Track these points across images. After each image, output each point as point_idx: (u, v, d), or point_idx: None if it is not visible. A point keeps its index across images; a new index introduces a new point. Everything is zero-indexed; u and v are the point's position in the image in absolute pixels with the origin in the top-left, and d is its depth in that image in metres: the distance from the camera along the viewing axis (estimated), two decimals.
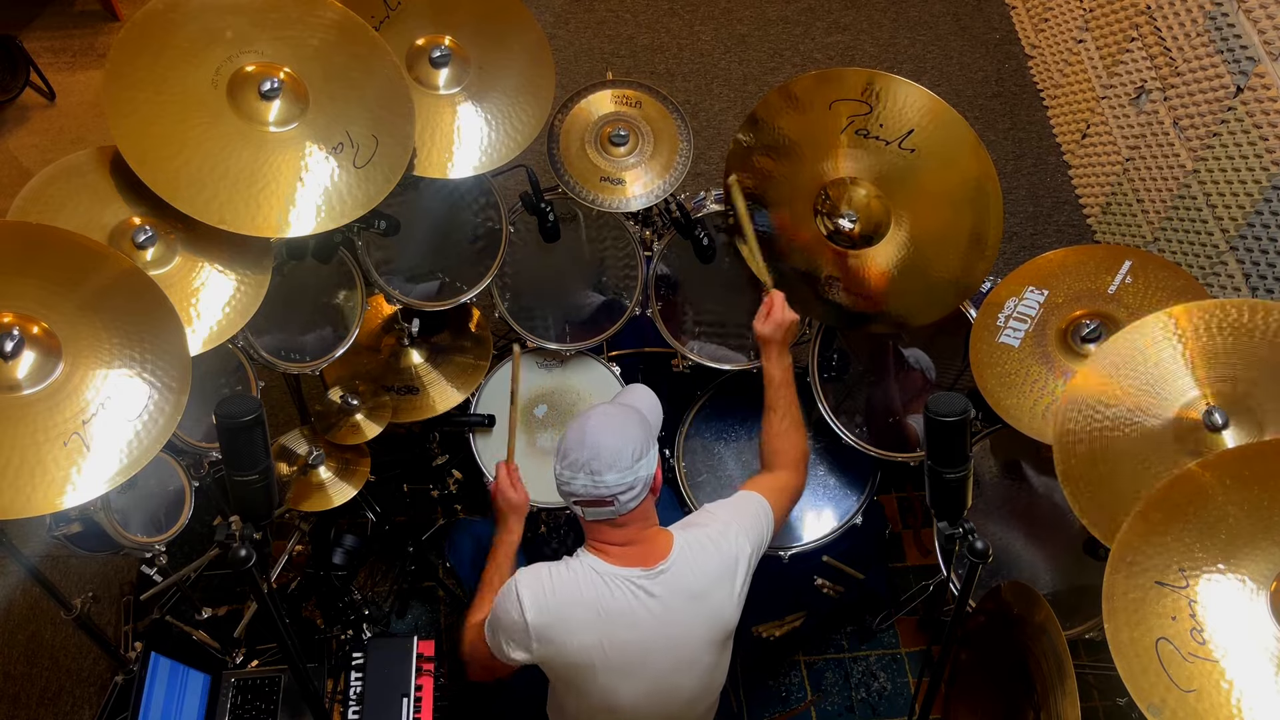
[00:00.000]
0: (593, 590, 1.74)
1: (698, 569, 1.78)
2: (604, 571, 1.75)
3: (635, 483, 1.73)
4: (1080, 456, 1.87)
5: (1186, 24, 2.94)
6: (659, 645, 1.77)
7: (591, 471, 1.71)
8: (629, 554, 1.76)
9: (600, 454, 1.71)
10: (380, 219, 2.09)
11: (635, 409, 1.87)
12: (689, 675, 1.83)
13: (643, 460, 1.74)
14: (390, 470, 2.66)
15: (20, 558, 1.87)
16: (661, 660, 1.78)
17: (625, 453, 1.72)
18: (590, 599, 1.73)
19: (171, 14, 1.88)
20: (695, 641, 1.80)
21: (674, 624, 1.76)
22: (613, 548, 1.77)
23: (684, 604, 1.76)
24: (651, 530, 1.81)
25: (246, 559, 1.45)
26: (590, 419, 1.78)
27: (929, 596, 2.60)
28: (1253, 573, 1.57)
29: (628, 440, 1.73)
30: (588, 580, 1.74)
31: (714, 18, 4.16)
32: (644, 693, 1.80)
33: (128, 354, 1.71)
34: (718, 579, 1.79)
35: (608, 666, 1.75)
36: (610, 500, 1.72)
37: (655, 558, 1.76)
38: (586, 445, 1.72)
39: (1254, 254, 2.63)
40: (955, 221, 2.14)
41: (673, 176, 2.30)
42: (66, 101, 3.82)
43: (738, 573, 1.81)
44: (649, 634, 1.75)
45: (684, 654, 1.80)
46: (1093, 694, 2.36)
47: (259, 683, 2.21)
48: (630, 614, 1.74)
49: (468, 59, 2.19)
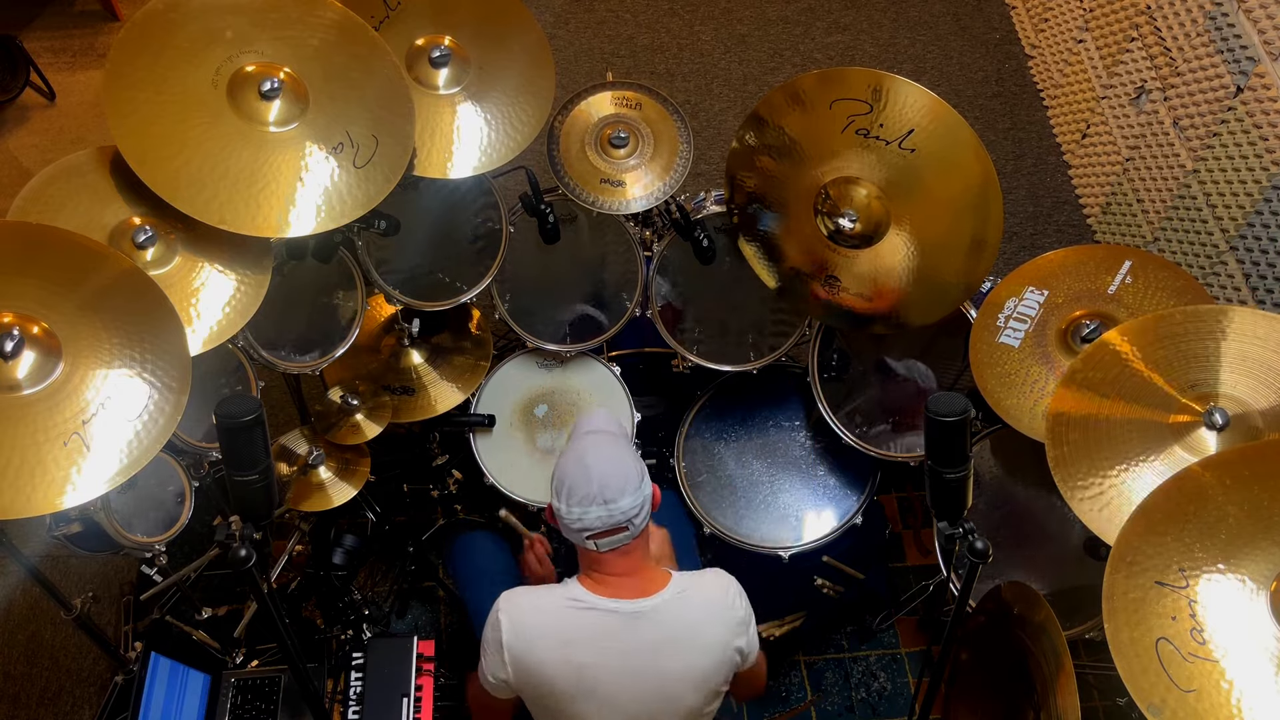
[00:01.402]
0: (565, 619, 1.72)
1: (685, 618, 1.74)
2: (586, 601, 1.73)
3: (645, 501, 1.73)
4: (1073, 443, 1.89)
5: (1186, 24, 2.94)
6: (632, 679, 1.73)
7: (605, 501, 1.68)
8: (624, 585, 1.74)
9: (610, 482, 1.69)
10: (380, 219, 2.09)
11: (608, 433, 1.87)
12: (667, 713, 1.78)
13: (644, 478, 1.74)
14: (390, 470, 2.66)
15: (20, 558, 1.87)
16: (635, 694, 1.74)
17: (632, 475, 1.71)
18: (559, 627, 1.72)
19: (171, 14, 1.88)
20: (674, 679, 1.75)
21: (650, 658, 1.72)
22: (610, 578, 1.74)
23: (664, 641, 1.73)
24: (649, 562, 1.80)
25: (246, 559, 1.45)
26: (586, 455, 1.74)
27: (929, 596, 2.59)
28: (1253, 573, 1.57)
29: (627, 463, 1.73)
30: (561, 607, 1.73)
31: (714, 18, 4.16)
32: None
33: (128, 354, 1.71)
34: (715, 622, 1.76)
35: (580, 695, 1.73)
36: (625, 525, 1.70)
37: (649, 591, 1.74)
38: (593, 479, 1.69)
39: (1254, 254, 2.63)
40: (955, 222, 2.14)
41: (673, 178, 2.30)
42: (66, 101, 3.82)
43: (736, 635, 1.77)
44: (622, 666, 1.72)
45: (662, 690, 1.75)
46: (1093, 694, 2.36)
47: (259, 683, 2.21)
48: (600, 645, 1.71)
49: (468, 59, 2.19)
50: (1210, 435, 1.82)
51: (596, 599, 1.73)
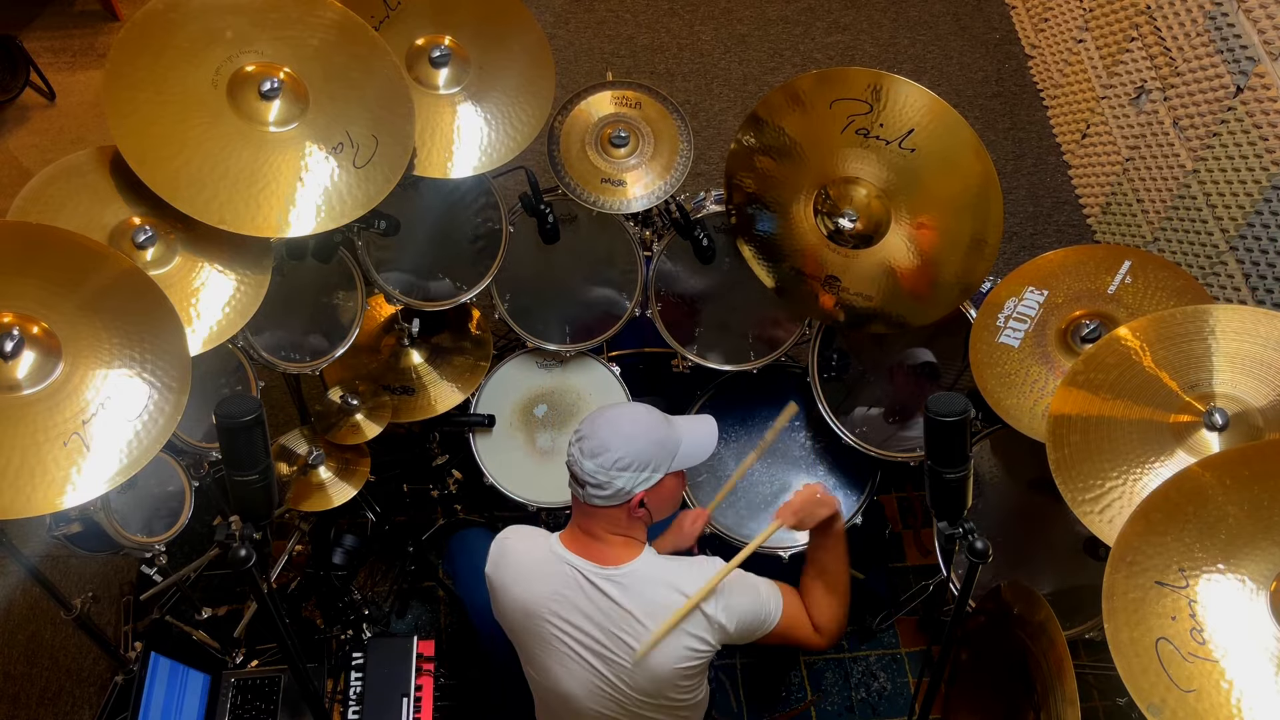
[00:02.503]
0: (540, 565, 1.76)
1: (645, 597, 1.71)
2: (559, 552, 1.75)
3: (607, 485, 1.68)
4: (1073, 446, 1.89)
5: (1186, 24, 2.94)
6: (590, 641, 1.72)
7: (580, 448, 1.71)
8: (585, 545, 1.75)
9: (593, 437, 1.70)
10: (380, 219, 2.09)
11: (677, 437, 1.77)
12: (622, 689, 1.74)
13: (625, 473, 1.68)
14: (390, 470, 2.66)
15: (20, 558, 1.87)
16: (591, 659, 1.73)
17: (613, 454, 1.68)
18: (532, 569, 1.77)
19: (171, 14, 1.88)
20: (625, 654, 1.71)
21: (607, 626, 1.71)
22: (576, 531, 1.77)
23: (621, 616, 1.70)
24: (618, 539, 1.75)
25: (246, 559, 1.45)
26: (623, 409, 1.78)
27: (929, 596, 2.59)
28: (1253, 573, 1.57)
29: (626, 448, 1.68)
30: (540, 554, 1.77)
31: (714, 18, 4.16)
32: (581, 687, 1.75)
33: (128, 354, 1.71)
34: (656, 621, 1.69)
35: (538, 643, 1.77)
36: (583, 482, 1.71)
37: (610, 560, 1.73)
38: (595, 421, 1.73)
39: (1254, 254, 2.63)
40: (955, 222, 2.14)
41: (673, 177, 2.30)
42: (66, 101, 3.82)
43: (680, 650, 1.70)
44: (581, 624, 1.72)
45: (615, 661, 1.72)
46: (1093, 694, 2.36)
47: (259, 683, 2.21)
48: (562, 596, 1.73)
49: (468, 59, 2.19)
50: (1211, 436, 1.82)
51: (567, 553, 1.75)
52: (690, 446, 1.79)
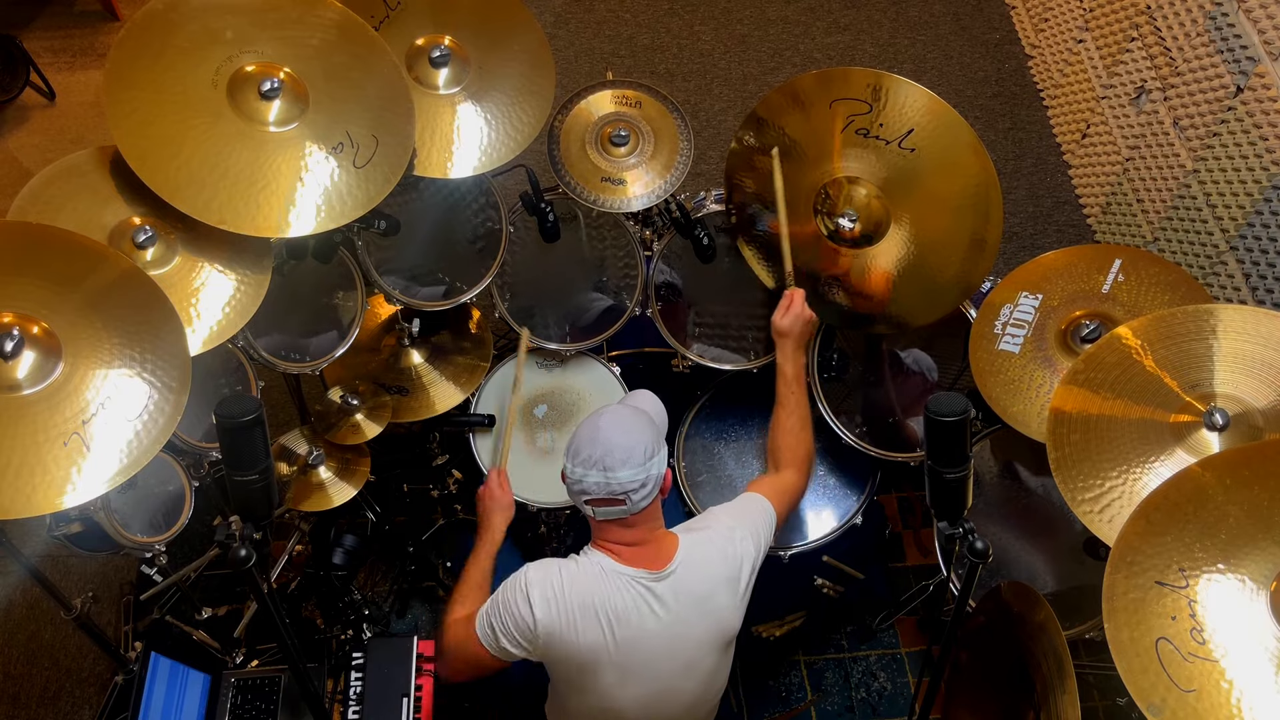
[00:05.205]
0: (602, 589, 1.74)
1: (703, 572, 1.78)
2: (612, 570, 1.75)
3: (647, 480, 1.74)
4: (1074, 444, 1.89)
5: (1186, 24, 2.94)
6: (663, 647, 1.77)
7: (605, 468, 1.71)
8: (638, 554, 1.77)
9: (614, 451, 1.71)
10: (380, 219, 2.09)
11: (643, 411, 1.88)
12: (691, 678, 1.83)
13: (654, 459, 1.75)
14: (390, 470, 2.66)
15: (20, 558, 1.87)
16: (665, 663, 1.78)
17: (638, 450, 1.73)
18: (600, 599, 1.73)
19: (171, 14, 1.88)
20: (698, 644, 1.80)
21: (679, 626, 1.76)
22: (622, 548, 1.77)
23: (689, 607, 1.76)
24: (660, 532, 1.81)
25: (246, 559, 1.45)
26: (602, 418, 1.79)
27: (929, 596, 2.59)
28: (1253, 573, 1.57)
29: (640, 438, 1.75)
30: (597, 579, 1.75)
31: (714, 18, 4.16)
32: (646, 695, 1.80)
33: (128, 354, 1.71)
34: (722, 582, 1.79)
35: (612, 666, 1.75)
36: (622, 499, 1.72)
37: (663, 560, 1.76)
38: (600, 443, 1.73)
39: (1254, 254, 2.63)
40: (956, 221, 2.14)
41: (673, 177, 2.30)
42: (66, 101, 3.82)
43: (741, 576, 1.81)
44: (654, 636, 1.75)
45: (687, 657, 1.80)
46: (1093, 694, 2.36)
47: (259, 683, 2.20)
48: (637, 615, 1.74)
49: (468, 59, 2.19)
50: (1212, 436, 1.82)
51: (621, 566, 1.75)
52: (657, 416, 1.99)
